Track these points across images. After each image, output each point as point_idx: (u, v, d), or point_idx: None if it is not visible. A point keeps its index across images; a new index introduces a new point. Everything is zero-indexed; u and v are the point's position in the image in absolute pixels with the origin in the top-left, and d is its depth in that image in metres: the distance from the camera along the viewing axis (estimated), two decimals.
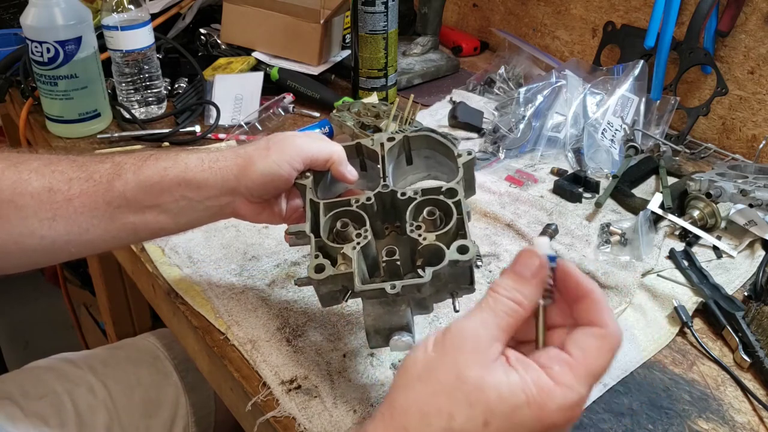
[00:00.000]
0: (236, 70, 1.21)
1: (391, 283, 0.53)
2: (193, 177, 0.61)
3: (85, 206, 0.60)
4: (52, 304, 1.97)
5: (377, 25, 1.10)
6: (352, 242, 0.58)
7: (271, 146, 0.62)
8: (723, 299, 0.74)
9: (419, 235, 0.57)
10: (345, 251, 0.57)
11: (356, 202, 0.61)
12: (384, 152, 0.65)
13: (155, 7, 1.28)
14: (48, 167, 0.61)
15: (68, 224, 0.60)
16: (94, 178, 0.61)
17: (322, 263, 0.56)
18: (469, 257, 0.54)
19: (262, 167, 0.61)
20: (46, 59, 1.00)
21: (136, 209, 0.62)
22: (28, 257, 0.63)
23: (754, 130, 1.05)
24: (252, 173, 0.61)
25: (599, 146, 1.00)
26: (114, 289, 1.32)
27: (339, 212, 0.61)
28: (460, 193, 0.60)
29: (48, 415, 0.84)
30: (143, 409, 0.90)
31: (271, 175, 0.62)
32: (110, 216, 0.61)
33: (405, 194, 0.61)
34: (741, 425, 0.62)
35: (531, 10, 1.36)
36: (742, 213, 0.87)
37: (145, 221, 0.63)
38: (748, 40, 1.03)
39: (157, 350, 0.97)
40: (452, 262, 0.54)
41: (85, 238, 0.62)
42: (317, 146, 0.63)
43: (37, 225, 0.60)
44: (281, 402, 0.62)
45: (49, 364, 0.92)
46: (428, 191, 0.61)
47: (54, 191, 0.60)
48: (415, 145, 0.67)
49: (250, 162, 0.61)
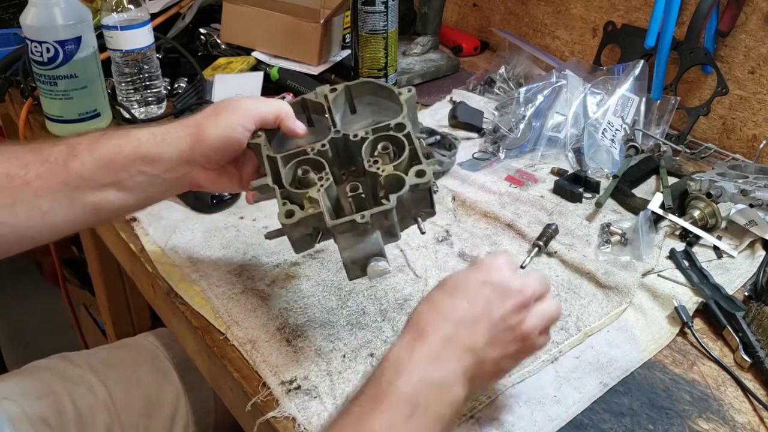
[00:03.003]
0: (236, 70, 1.21)
1: (360, 214, 0.58)
2: (148, 151, 0.62)
3: (43, 189, 0.61)
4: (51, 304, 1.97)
5: (377, 24, 1.10)
6: (316, 185, 0.61)
7: (219, 111, 0.64)
8: (723, 299, 0.74)
9: (378, 168, 0.61)
10: (310, 194, 0.60)
11: (312, 150, 0.64)
12: (329, 103, 0.68)
13: (155, 7, 1.28)
14: (3, 154, 0.61)
15: (28, 209, 0.61)
16: (49, 161, 0.61)
17: (291, 209, 0.59)
18: (427, 179, 0.59)
19: (215, 132, 0.63)
20: (45, 59, 1.00)
21: (94, 188, 0.62)
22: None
23: (755, 130, 1.05)
24: (206, 139, 0.63)
25: (599, 146, 0.99)
26: (114, 289, 1.32)
27: (298, 161, 0.63)
28: (408, 126, 0.64)
29: (48, 415, 0.84)
30: (143, 408, 0.90)
31: (224, 139, 0.63)
32: (70, 197, 0.62)
33: (357, 135, 0.64)
34: (741, 425, 0.62)
35: (531, 9, 1.36)
36: (742, 213, 0.87)
37: (105, 199, 0.63)
38: (749, 39, 1.03)
39: (157, 350, 0.97)
40: (413, 186, 0.59)
41: (46, 221, 0.62)
42: (264, 105, 0.65)
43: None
44: (281, 402, 0.62)
45: (49, 363, 0.92)
46: (378, 129, 0.64)
47: (11, 176, 0.60)
48: (356, 93, 0.70)
49: (202, 129, 0.63)
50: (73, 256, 1.76)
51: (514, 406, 0.63)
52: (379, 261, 0.60)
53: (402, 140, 0.63)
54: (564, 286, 0.77)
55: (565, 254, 0.82)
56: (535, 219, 0.88)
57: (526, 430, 0.61)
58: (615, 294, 0.76)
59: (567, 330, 0.71)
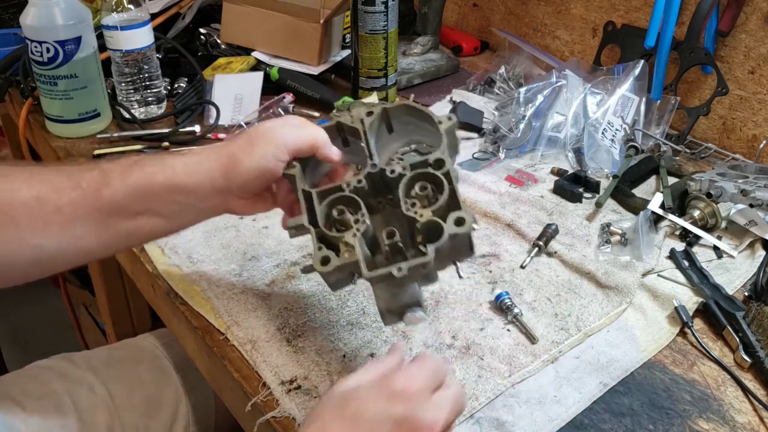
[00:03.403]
0: (236, 70, 1.21)
1: (397, 266, 0.55)
2: (182, 181, 0.61)
3: (75, 215, 0.60)
4: (51, 304, 1.97)
5: (377, 24, 1.10)
6: (352, 229, 0.58)
7: (253, 141, 0.62)
8: (723, 299, 0.74)
9: (415, 213, 0.58)
10: (346, 239, 0.58)
11: (348, 186, 0.61)
12: (365, 127, 0.65)
13: (155, 7, 1.28)
14: (36, 177, 0.61)
15: (60, 233, 0.60)
16: (82, 186, 0.60)
17: (327, 255, 0.57)
18: (466, 229, 0.56)
19: (249, 164, 0.61)
20: (45, 59, 1.00)
21: (127, 215, 0.62)
22: (23, 269, 0.62)
23: (755, 130, 1.05)
24: (240, 171, 0.62)
25: (599, 146, 0.99)
26: (114, 289, 1.32)
27: (333, 200, 0.61)
28: (447, 164, 0.60)
29: (49, 415, 0.83)
30: (144, 409, 0.90)
31: (258, 171, 0.62)
32: (102, 223, 0.61)
33: (394, 171, 0.61)
34: (741, 425, 0.62)
35: (531, 9, 1.36)
36: (742, 213, 0.87)
37: (137, 226, 0.63)
38: (749, 39, 1.03)
39: (157, 350, 0.97)
40: (452, 235, 0.56)
41: (78, 246, 0.62)
42: (299, 135, 0.63)
43: (30, 235, 0.60)
44: (281, 402, 0.62)
45: (49, 364, 0.92)
46: (416, 165, 0.61)
47: (43, 200, 0.60)
48: (394, 115, 0.67)
49: (236, 160, 0.62)
50: None
51: (514, 406, 0.63)
52: (416, 311, 0.58)
53: (441, 179, 0.59)
54: (564, 286, 0.77)
55: (565, 254, 0.81)
56: (535, 219, 0.88)
57: (526, 430, 0.61)
58: (615, 294, 0.76)
59: (567, 330, 0.71)
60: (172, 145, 1.05)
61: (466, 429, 0.61)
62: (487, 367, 0.66)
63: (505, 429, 0.61)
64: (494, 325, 0.72)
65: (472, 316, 0.73)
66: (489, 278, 0.78)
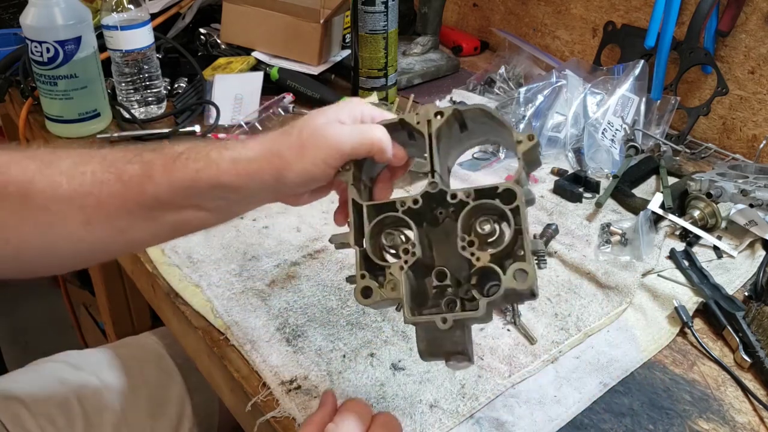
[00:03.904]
0: (236, 70, 1.21)
1: (442, 317, 0.50)
2: (228, 181, 0.57)
3: (119, 209, 0.58)
4: (51, 304, 1.97)
5: (377, 24, 1.10)
6: (399, 261, 0.53)
7: (305, 143, 0.56)
8: (723, 299, 0.74)
9: (472, 254, 0.51)
10: (392, 271, 0.53)
11: (402, 205, 0.55)
12: (431, 130, 0.57)
13: (155, 7, 1.28)
14: (77, 168, 0.58)
15: (105, 228, 0.58)
16: (123, 180, 0.58)
17: (368, 286, 0.53)
18: (528, 285, 0.49)
19: (298, 170, 0.56)
20: (45, 59, 1.00)
21: (172, 209, 0.59)
22: (69, 260, 0.61)
23: (755, 130, 1.05)
24: (289, 176, 0.57)
25: (599, 146, 0.99)
26: (113, 289, 1.32)
27: (384, 219, 0.55)
28: (518, 197, 0.52)
29: (55, 415, 0.84)
30: (149, 409, 0.90)
31: (309, 177, 0.57)
32: (147, 217, 0.59)
33: (456, 196, 0.54)
34: (741, 425, 0.62)
35: (531, 9, 1.36)
36: (742, 213, 0.87)
37: (184, 219, 0.60)
38: (749, 39, 1.03)
39: (161, 350, 0.96)
40: (509, 290, 0.49)
41: (126, 238, 0.60)
42: (356, 139, 0.57)
43: (74, 229, 0.58)
44: (281, 402, 0.62)
45: (55, 363, 0.92)
46: (482, 193, 0.53)
47: (85, 195, 0.57)
48: (467, 115, 0.58)
49: (286, 164, 0.56)
50: None
51: (514, 406, 0.63)
52: (459, 361, 0.52)
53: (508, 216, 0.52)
54: (564, 286, 0.77)
55: (565, 254, 0.81)
56: (535, 219, 0.88)
57: (526, 430, 0.61)
58: (615, 294, 0.76)
59: (567, 330, 0.71)
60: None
61: (466, 429, 0.61)
62: (487, 367, 0.66)
63: (505, 429, 0.61)
64: (494, 325, 0.72)
65: None
66: None
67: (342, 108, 0.59)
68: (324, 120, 0.57)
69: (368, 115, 0.60)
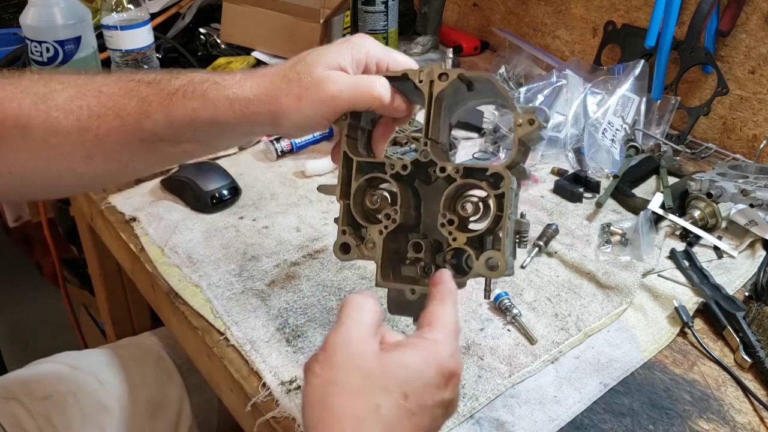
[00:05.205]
0: (236, 70, 1.21)
1: (411, 288, 0.52)
2: (226, 122, 0.56)
3: (118, 144, 0.58)
4: (51, 304, 1.97)
5: (377, 24, 1.10)
6: (380, 225, 0.54)
7: (302, 95, 0.55)
8: (724, 299, 0.74)
9: (449, 234, 0.52)
10: (371, 233, 0.54)
11: (392, 168, 0.55)
12: (433, 91, 0.55)
13: (155, 7, 1.28)
14: (74, 103, 0.57)
15: (106, 161, 0.59)
16: (121, 116, 0.57)
17: (347, 243, 0.55)
18: (496, 275, 0.50)
19: (294, 119, 0.55)
20: (45, 59, 1.00)
21: (172, 144, 0.59)
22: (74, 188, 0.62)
23: (755, 130, 1.05)
24: (284, 122, 0.56)
25: (600, 146, 0.99)
26: (113, 289, 1.32)
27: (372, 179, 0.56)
28: (506, 184, 0.51)
29: (53, 416, 0.83)
30: (148, 410, 0.89)
31: (304, 127, 0.57)
32: (148, 150, 0.59)
33: (444, 170, 0.54)
34: (742, 425, 0.62)
35: (531, 9, 1.36)
36: (742, 213, 0.87)
37: (184, 150, 0.60)
38: (749, 39, 1.03)
39: (161, 350, 0.96)
40: (478, 275, 0.51)
41: (129, 168, 0.61)
42: (354, 93, 0.55)
43: (75, 163, 0.58)
44: (281, 402, 0.62)
45: (53, 363, 0.92)
46: (471, 171, 0.53)
47: (84, 130, 0.57)
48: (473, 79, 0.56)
49: (282, 112, 0.55)
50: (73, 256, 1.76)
51: (514, 406, 0.63)
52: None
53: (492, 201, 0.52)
54: (564, 286, 0.77)
55: (566, 254, 0.81)
56: (535, 219, 0.88)
57: (526, 430, 0.61)
58: (615, 294, 0.75)
59: (567, 330, 0.71)
60: None
61: (466, 429, 0.61)
62: (487, 367, 0.66)
63: (505, 429, 0.61)
64: (494, 325, 0.72)
65: (472, 316, 0.73)
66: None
67: (346, 50, 0.56)
68: (325, 68, 0.55)
69: (374, 57, 0.57)
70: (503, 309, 0.72)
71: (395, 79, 0.56)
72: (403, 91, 0.57)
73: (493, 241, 0.53)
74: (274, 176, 0.96)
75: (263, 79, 0.56)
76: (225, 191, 0.89)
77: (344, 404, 0.44)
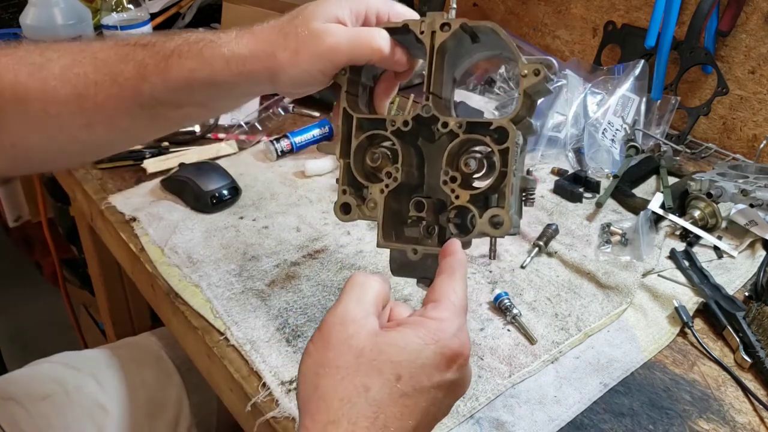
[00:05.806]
0: None
1: (413, 248, 0.51)
2: (224, 81, 0.55)
3: (117, 110, 0.57)
4: (51, 304, 1.97)
5: None
6: (381, 184, 0.52)
7: (299, 49, 0.53)
8: (724, 299, 0.74)
9: (452, 191, 0.51)
10: (372, 193, 0.52)
11: (392, 125, 0.53)
12: (435, 43, 0.53)
13: (155, 7, 1.28)
14: (70, 71, 0.57)
15: (106, 128, 0.58)
16: (118, 82, 0.56)
17: (348, 203, 0.53)
18: (501, 233, 0.49)
19: (292, 74, 0.54)
20: None
21: (172, 107, 0.58)
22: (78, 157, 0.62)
23: (755, 130, 1.05)
24: (282, 78, 0.55)
25: (600, 146, 0.99)
26: (113, 289, 1.32)
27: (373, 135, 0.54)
28: (510, 139, 0.49)
29: (52, 416, 0.83)
30: (147, 409, 0.89)
31: (302, 83, 0.56)
32: (146, 115, 0.58)
33: (447, 125, 0.52)
34: (742, 425, 0.62)
35: (531, 9, 1.36)
36: (742, 213, 0.87)
37: (185, 114, 0.60)
38: (749, 39, 1.03)
39: (160, 350, 0.96)
40: (482, 233, 0.50)
41: (130, 134, 0.60)
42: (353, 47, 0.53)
43: (75, 131, 0.58)
44: (281, 402, 0.62)
45: (52, 364, 0.92)
46: (474, 126, 0.51)
47: (82, 97, 0.57)
48: (477, 29, 0.55)
49: (280, 68, 0.54)
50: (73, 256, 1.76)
51: (514, 406, 0.63)
52: (428, 285, 0.52)
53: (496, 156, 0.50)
54: (564, 286, 0.77)
55: (566, 254, 0.81)
56: (535, 219, 0.88)
57: (526, 430, 0.61)
58: (615, 294, 0.75)
59: (567, 330, 0.71)
60: (171, 144, 1.05)
61: (466, 429, 0.61)
62: (487, 367, 0.66)
63: (505, 429, 0.61)
64: (494, 325, 0.72)
65: (471, 316, 0.73)
66: (489, 278, 0.78)
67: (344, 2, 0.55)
68: (323, 20, 0.54)
69: (373, 9, 0.56)
70: (503, 309, 0.72)
71: (396, 31, 0.54)
72: (404, 44, 0.56)
73: (498, 200, 0.51)
74: (274, 176, 0.96)
75: (260, 35, 0.56)
76: (225, 191, 0.89)
77: (333, 385, 0.43)
